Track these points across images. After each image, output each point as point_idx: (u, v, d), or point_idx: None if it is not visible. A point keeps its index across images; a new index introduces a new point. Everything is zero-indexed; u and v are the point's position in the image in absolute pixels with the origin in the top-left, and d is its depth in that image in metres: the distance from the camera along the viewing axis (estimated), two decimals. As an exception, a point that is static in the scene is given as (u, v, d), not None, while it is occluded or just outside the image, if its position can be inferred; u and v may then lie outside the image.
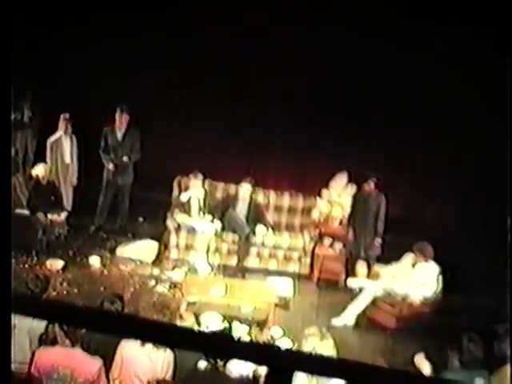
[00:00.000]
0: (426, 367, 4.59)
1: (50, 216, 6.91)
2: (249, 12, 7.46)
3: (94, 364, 3.87)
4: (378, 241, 6.96)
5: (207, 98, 7.80)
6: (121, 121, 7.35)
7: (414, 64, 7.33)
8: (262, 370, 4.15)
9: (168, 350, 4.03)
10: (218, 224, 7.13)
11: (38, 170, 6.97)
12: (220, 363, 3.90)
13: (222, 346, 1.35)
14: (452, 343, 4.45)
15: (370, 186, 6.94)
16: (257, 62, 7.64)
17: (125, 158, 7.38)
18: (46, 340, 3.99)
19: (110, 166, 7.37)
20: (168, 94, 7.80)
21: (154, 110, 7.76)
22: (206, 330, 5.39)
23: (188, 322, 5.61)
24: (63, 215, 7.04)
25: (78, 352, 3.92)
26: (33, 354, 3.90)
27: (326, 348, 4.32)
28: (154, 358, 4.01)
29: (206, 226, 7.09)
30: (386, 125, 7.55)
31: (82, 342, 3.87)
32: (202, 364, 3.94)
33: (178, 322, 5.53)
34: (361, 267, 6.61)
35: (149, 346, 3.97)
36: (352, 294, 6.24)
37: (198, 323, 5.67)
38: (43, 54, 7.80)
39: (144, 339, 3.22)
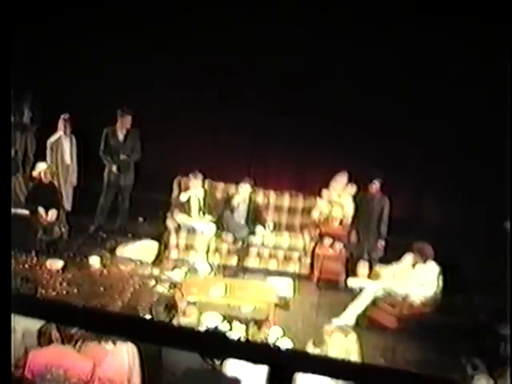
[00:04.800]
0: None
1: (49, 216, 6.89)
2: (249, 12, 7.47)
3: (87, 364, 3.86)
4: (382, 243, 6.97)
5: (207, 98, 7.80)
6: (122, 122, 7.35)
7: (415, 64, 7.33)
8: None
9: (128, 343, 3.99)
10: (217, 224, 7.13)
11: (38, 170, 6.95)
12: (217, 363, 3.89)
13: (221, 345, 1.35)
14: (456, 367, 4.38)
15: (373, 188, 6.95)
16: (257, 63, 7.63)
17: (124, 157, 7.38)
18: (40, 340, 3.98)
19: (113, 168, 7.37)
20: (168, 94, 7.80)
21: (154, 111, 7.76)
22: (206, 330, 5.38)
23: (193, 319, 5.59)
24: (54, 214, 6.92)
25: (70, 352, 3.92)
26: (25, 356, 3.89)
27: (350, 342, 4.32)
28: (118, 351, 3.96)
29: (206, 226, 7.09)
30: (387, 125, 7.55)
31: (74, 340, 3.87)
32: (199, 363, 3.92)
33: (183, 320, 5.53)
34: (361, 267, 6.60)
35: (109, 345, 3.94)
36: (352, 294, 6.23)
37: (198, 323, 5.67)
38: (43, 55, 7.79)
39: (144, 339, 3.21)
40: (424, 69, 7.33)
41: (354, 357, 4.35)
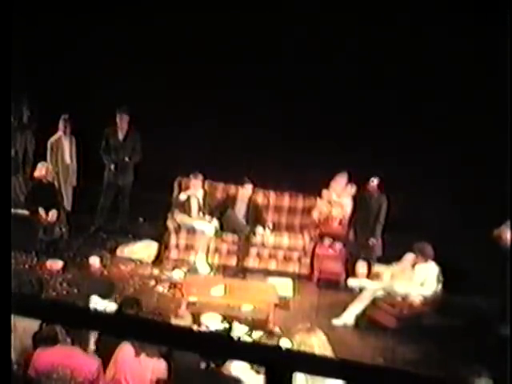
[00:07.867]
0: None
1: (49, 216, 6.89)
2: (249, 14, 7.47)
3: (93, 363, 3.88)
4: (379, 241, 6.97)
5: (207, 98, 7.79)
6: (121, 122, 7.37)
7: (414, 64, 7.32)
8: None
9: (161, 359, 3.98)
10: (217, 224, 7.13)
11: (40, 170, 6.95)
12: (217, 364, 3.89)
13: (221, 346, 1.35)
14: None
15: (371, 186, 6.96)
16: (257, 63, 7.63)
17: (127, 159, 7.39)
18: (45, 339, 3.97)
19: (112, 167, 7.38)
20: (168, 95, 7.80)
21: (154, 111, 7.76)
22: (206, 330, 5.39)
23: (187, 321, 5.60)
24: (54, 214, 6.88)
25: (77, 351, 3.93)
26: (30, 355, 3.89)
27: (316, 341, 4.24)
28: (144, 363, 3.96)
29: (206, 226, 7.08)
30: (386, 125, 7.54)
31: (81, 341, 3.87)
32: (200, 364, 3.93)
33: (178, 322, 5.53)
34: (361, 267, 6.61)
35: (143, 353, 3.94)
36: (352, 294, 6.24)
37: (198, 323, 5.67)
38: (43, 55, 7.79)
39: (144, 339, 3.21)
40: (423, 69, 7.33)
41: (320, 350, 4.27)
